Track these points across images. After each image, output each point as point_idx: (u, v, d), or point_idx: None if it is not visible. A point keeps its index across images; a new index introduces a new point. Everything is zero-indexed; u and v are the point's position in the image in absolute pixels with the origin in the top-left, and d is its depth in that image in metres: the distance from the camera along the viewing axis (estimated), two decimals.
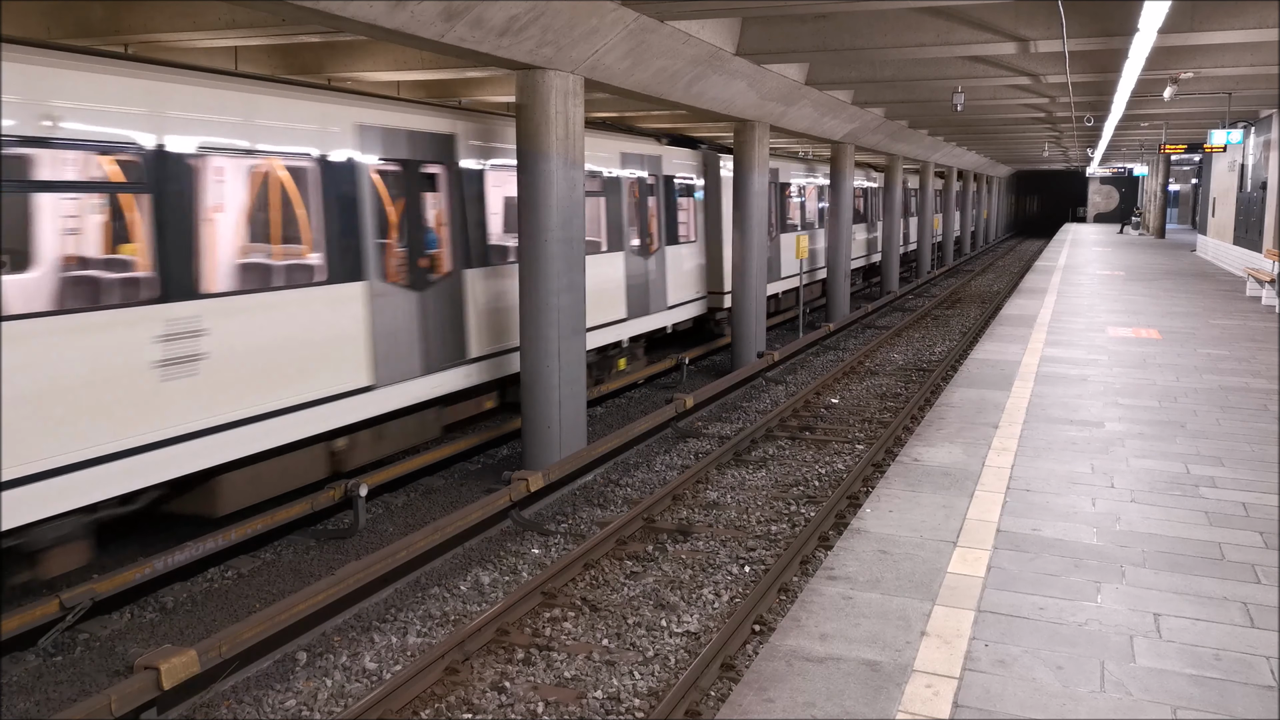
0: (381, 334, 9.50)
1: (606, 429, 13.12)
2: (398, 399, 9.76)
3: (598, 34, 9.94)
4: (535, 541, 8.94)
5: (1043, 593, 5.24)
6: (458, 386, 10.70)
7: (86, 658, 6.87)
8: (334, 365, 8.92)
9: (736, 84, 14.13)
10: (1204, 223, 33.65)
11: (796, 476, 10.78)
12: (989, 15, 11.99)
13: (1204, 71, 15.75)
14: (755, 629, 7.02)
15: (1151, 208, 46.52)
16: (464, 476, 11.12)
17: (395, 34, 8.09)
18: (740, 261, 17.08)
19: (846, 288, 23.47)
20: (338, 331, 8.98)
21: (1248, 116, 25.29)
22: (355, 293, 9.19)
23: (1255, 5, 11.30)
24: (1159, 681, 4.32)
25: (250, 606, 7.71)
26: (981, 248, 56.08)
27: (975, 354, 12.64)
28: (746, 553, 8.54)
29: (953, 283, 34.47)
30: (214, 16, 11.10)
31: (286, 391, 8.41)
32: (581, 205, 10.79)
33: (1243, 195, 26.30)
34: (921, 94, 19.19)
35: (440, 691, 6.18)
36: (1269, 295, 18.35)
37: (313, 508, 9.09)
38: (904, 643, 4.65)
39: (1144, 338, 14.00)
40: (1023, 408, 9.52)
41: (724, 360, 18.54)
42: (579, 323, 10.92)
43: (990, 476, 7.27)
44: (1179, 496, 6.86)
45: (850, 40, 12.64)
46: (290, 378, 8.44)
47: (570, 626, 7.09)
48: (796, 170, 23.22)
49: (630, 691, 6.20)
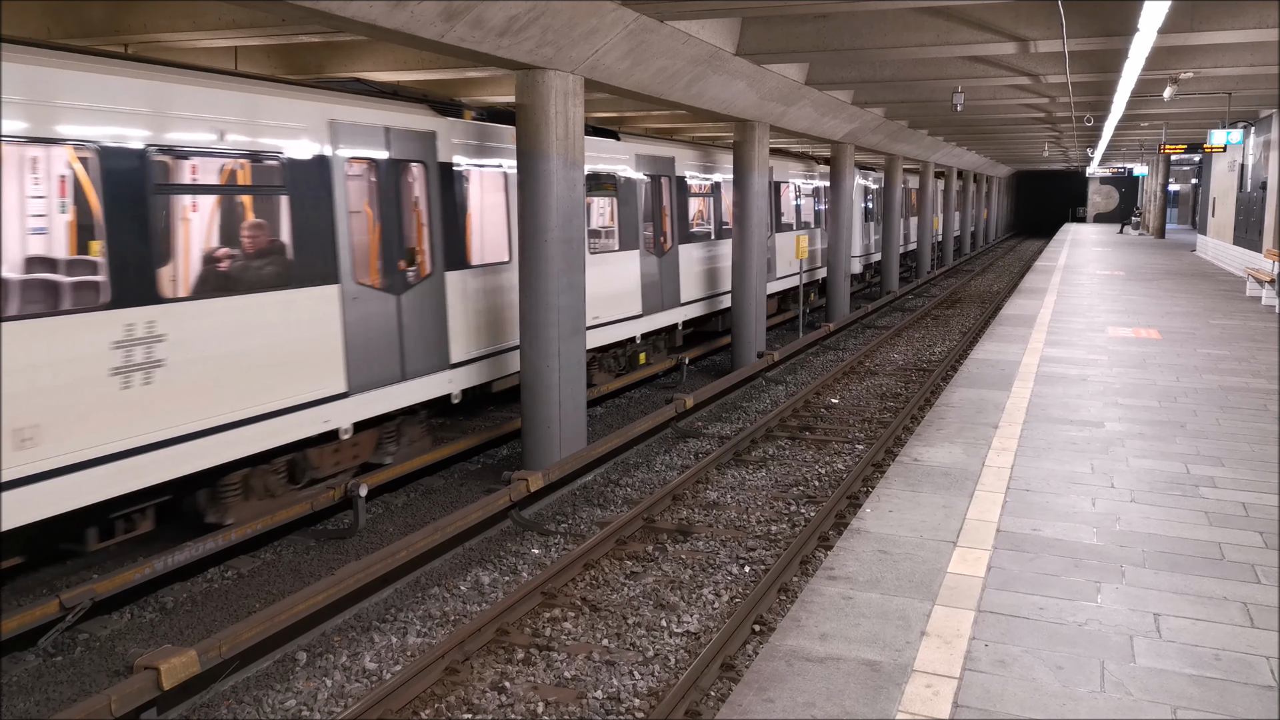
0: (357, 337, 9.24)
1: (606, 429, 13.12)
2: (374, 405, 9.47)
3: (598, 34, 9.94)
4: (535, 541, 8.94)
5: (1043, 593, 5.23)
6: (439, 393, 10.40)
7: (86, 658, 6.87)
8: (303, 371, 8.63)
9: (736, 84, 14.13)
10: (1204, 223, 33.65)
11: (796, 476, 10.78)
12: (989, 15, 11.99)
13: (1204, 71, 15.75)
14: (755, 629, 7.02)
15: (1151, 208, 46.52)
16: (464, 476, 11.11)
17: (395, 34, 8.09)
18: (740, 261, 17.08)
19: (846, 288, 23.46)
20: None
21: (1248, 116, 25.29)
22: (328, 295, 8.91)
23: (1255, 5, 11.30)
24: (1159, 681, 4.32)
25: (250, 606, 7.71)
26: (981, 248, 56.08)
27: (975, 354, 12.64)
28: (746, 553, 8.54)
29: (953, 283, 34.47)
30: (214, 16, 11.10)
31: (255, 398, 8.17)
32: (581, 205, 10.80)
33: (1243, 195, 26.31)
34: (921, 94, 19.19)
35: (440, 691, 6.18)
36: (1269, 295, 18.35)
37: (313, 508, 9.09)
38: (904, 643, 4.65)
39: (1144, 338, 14.00)
40: (1023, 408, 9.52)
41: (724, 360, 18.54)
42: (579, 323, 10.92)
43: (990, 476, 7.27)
44: (1179, 496, 6.86)
45: (850, 40, 12.64)
46: (257, 385, 8.19)
47: (570, 626, 7.09)
48: (777, 168, 22.18)
49: (630, 691, 6.20)
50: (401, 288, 9.86)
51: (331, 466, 9.50)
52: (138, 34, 11.37)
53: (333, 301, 8.93)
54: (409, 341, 9.92)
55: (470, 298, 10.92)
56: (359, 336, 9.22)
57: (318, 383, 8.78)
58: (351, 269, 9.13)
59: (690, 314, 17.34)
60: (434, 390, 10.33)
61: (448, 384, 10.56)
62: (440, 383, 10.43)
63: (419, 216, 10.25)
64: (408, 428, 10.56)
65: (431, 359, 10.27)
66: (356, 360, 9.20)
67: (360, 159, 9.41)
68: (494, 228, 11.82)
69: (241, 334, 8.04)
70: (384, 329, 9.57)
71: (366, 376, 9.34)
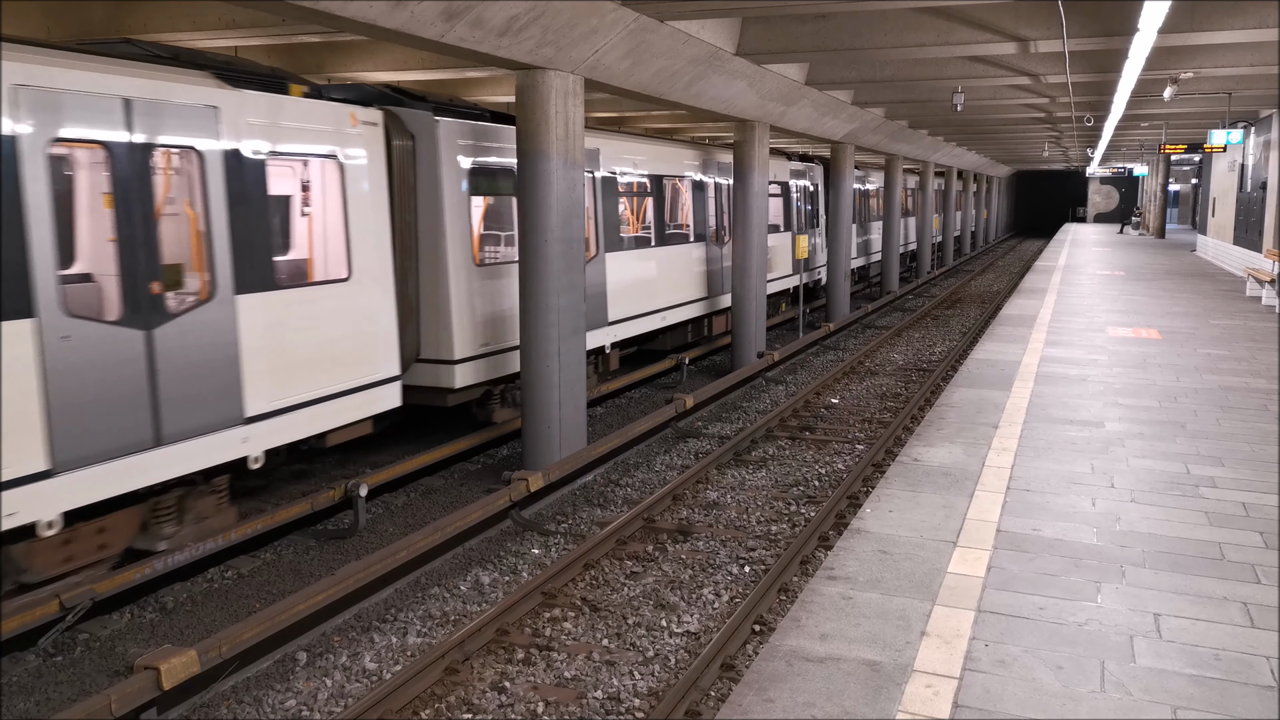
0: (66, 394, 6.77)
1: (606, 429, 13.13)
2: (102, 486, 7.01)
3: (598, 34, 9.95)
4: (535, 541, 8.94)
5: (1043, 593, 5.23)
6: (226, 457, 7.98)
7: (86, 658, 6.87)
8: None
9: (736, 84, 14.13)
10: (1204, 223, 33.65)
11: (796, 476, 10.78)
12: (989, 15, 11.99)
13: (1204, 71, 15.75)
14: (755, 629, 7.02)
15: (1151, 208, 46.52)
16: (464, 476, 11.11)
17: (395, 34, 8.09)
18: (740, 261, 17.09)
19: (846, 288, 23.47)
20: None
21: (1248, 116, 25.29)
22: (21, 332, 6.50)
23: (1255, 5, 11.30)
24: (1159, 681, 4.32)
25: (250, 606, 7.71)
26: (981, 248, 56.10)
27: (975, 354, 12.64)
28: (746, 553, 8.54)
29: (953, 283, 34.47)
30: (214, 16, 11.11)
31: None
32: (581, 205, 10.78)
33: (1243, 195, 26.30)
34: (921, 94, 19.19)
35: (440, 691, 6.18)
36: (1269, 295, 18.35)
37: (313, 508, 9.09)
38: (904, 643, 4.65)
39: (1144, 338, 14.00)
40: (1023, 408, 9.52)
41: (724, 360, 18.55)
42: (579, 323, 10.91)
43: (990, 476, 7.27)
44: (1179, 496, 6.86)
45: (850, 40, 12.64)
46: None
47: (570, 626, 7.09)
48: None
49: (630, 691, 6.20)
50: (156, 319, 7.40)
51: (59, 565, 7.23)
52: (138, 34, 11.37)
53: (25, 344, 6.50)
54: (170, 391, 7.47)
55: (285, 327, 8.49)
56: (75, 391, 6.79)
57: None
58: (60, 297, 6.71)
59: (623, 334, 14.51)
60: (214, 455, 7.86)
61: (240, 444, 8.06)
62: (227, 443, 7.96)
63: (193, 222, 7.89)
64: (196, 500, 8.21)
65: (212, 413, 7.82)
66: (69, 424, 6.76)
67: (78, 141, 7.00)
68: (328, 237, 9.39)
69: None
70: (122, 377, 7.13)
71: (88, 446, 6.89)
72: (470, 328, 11.10)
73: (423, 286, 10.91)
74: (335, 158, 9.14)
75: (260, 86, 8.36)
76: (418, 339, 10.92)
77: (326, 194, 9.34)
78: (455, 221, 10.86)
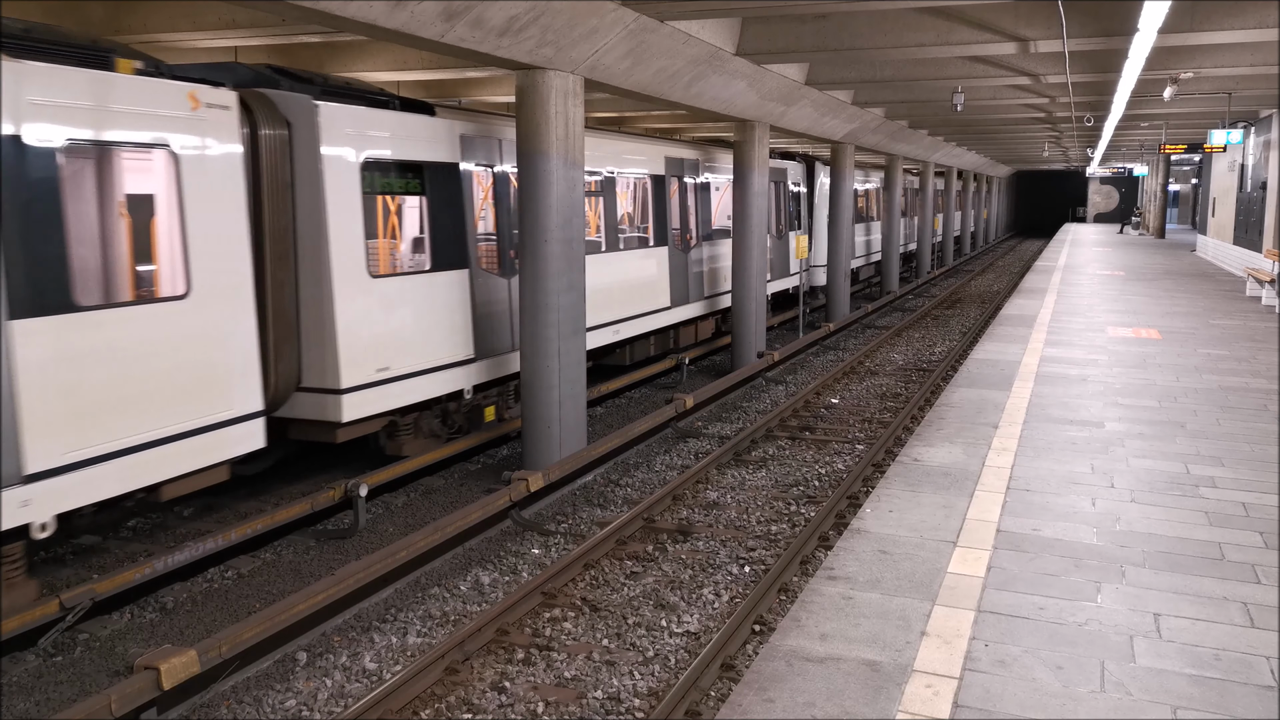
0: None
1: (606, 429, 13.12)
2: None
3: (598, 34, 9.95)
4: (535, 541, 8.94)
5: (1043, 593, 5.24)
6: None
7: (86, 658, 6.87)
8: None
9: (736, 84, 14.13)
10: (1204, 223, 33.65)
11: (796, 476, 10.78)
12: (989, 15, 11.99)
13: (1204, 71, 15.75)
14: (755, 629, 7.02)
15: (1151, 208, 46.53)
16: (464, 476, 11.12)
17: (395, 34, 8.09)
18: (740, 261, 17.08)
19: (846, 288, 23.48)
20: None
21: (1248, 116, 25.29)
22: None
23: (1255, 5, 11.30)
24: (1159, 681, 4.32)
25: (250, 606, 7.71)
26: (981, 248, 56.08)
27: (975, 354, 12.64)
28: (746, 553, 8.54)
29: (953, 283, 34.47)
30: (214, 16, 11.11)
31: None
32: (581, 205, 10.78)
33: (1243, 195, 26.30)
34: (921, 94, 19.19)
35: (440, 691, 6.18)
36: (1269, 295, 18.35)
37: (313, 508, 9.09)
38: (904, 643, 4.65)
39: (1144, 338, 14.00)
40: (1023, 408, 9.52)
41: (724, 360, 18.55)
42: (579, 323, 10.91)
43: (990, 476, 7.27)
44: (1179, 496, 6.86)
45: (850, 40, 12.65)
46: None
47: (570, 626, 7.09)
48: (724, 164, 18.67)
49: (630, 691, 6.20)
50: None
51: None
52: (138, 34, 11.38)
53: None
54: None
55: (87, 358, 6.86)
56: None
57: None
58: None
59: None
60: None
61: (19, 509, 6.45)
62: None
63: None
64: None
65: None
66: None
67: None
68: (155, 245, 7.88)
69: None
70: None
71: None
72: (364, 350, 9.32)
73: (303, 301, 9.10)
74: (167, 147, 7.46)
75: (65, 59, 6.79)
76: (298, 364, 9.18)
77: (154, 192, 7.71)
78: (343, 225, 9.09)
